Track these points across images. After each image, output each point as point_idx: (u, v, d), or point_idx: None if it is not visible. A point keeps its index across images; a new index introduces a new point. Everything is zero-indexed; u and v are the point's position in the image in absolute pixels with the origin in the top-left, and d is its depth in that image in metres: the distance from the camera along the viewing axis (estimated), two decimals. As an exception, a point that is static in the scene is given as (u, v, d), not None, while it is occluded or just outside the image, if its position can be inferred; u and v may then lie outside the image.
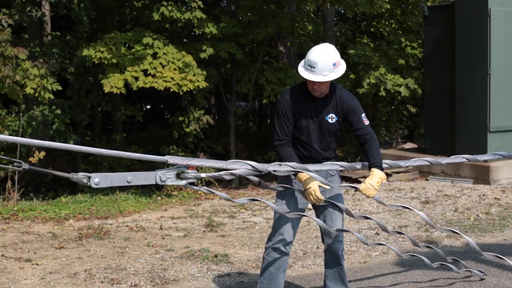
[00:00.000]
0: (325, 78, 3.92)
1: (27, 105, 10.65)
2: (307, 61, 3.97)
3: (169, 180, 3.62)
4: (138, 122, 16.03)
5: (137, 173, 3.64)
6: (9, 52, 8.95)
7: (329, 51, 3.98)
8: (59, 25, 13.19)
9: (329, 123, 4.11)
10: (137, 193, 9.58)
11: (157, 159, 3.59)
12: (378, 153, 4.09)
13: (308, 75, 3.95)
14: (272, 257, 4.12)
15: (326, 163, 4.13)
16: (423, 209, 8.06)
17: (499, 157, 4.70)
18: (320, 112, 4.09)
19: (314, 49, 4.00)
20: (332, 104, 4.10)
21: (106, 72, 9.89)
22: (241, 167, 3.80)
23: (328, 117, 4.10)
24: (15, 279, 5.29)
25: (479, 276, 5.09)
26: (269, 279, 4.15)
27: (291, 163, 3.89)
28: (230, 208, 8.47)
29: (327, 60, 3.92)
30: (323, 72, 3.91)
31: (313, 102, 4.09)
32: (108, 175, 3.51)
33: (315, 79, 3.93)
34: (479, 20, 9.86)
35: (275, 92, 10.99)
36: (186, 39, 12.85)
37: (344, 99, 4.11)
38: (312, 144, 4.12)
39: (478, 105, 9.98)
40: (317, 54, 3.94)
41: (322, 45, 4.07)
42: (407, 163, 4.41)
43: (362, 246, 6.26)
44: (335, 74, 3.96)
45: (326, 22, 11.98)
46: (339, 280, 4.28)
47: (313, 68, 3.92)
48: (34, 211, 8.14)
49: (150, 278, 5.31)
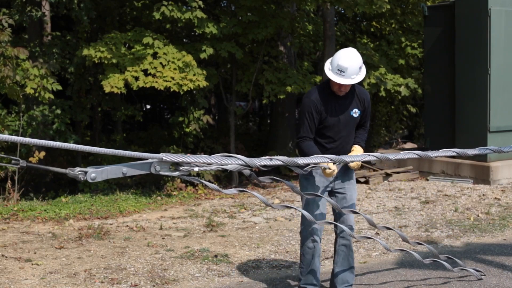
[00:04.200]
0: (354, 81, 4.35)
1: (27, 105, 10.65)
2: (336, 66, 4.33)
3: (163, 170, 3.75)
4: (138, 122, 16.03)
5: (132, 163, 3.71)
6: (9, 52, 8.95)
7: (356, 56, 4.37)
8: (59, 25, 13.18)
9: (354, 117, 4.53)
10: (137, 193, 9.58)
11: (152, 157, 3.69)
12: (365, 138, 4.69)
13: (339, 79, 4.32)
14: (307, 246, 4.55)
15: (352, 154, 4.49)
16: (423, 209, 8.06)
17: (489, 152, 4.89)
18: (345, 109, 4.49)
19: (342, 55, 4.36)
20: (354, 100, 4.52)
21: (106, 72, 9.88)
22: (232, 162, 3.94)
23: (353, 112, 4.52)
24: (15, 279, 5.29)
25: (475, 276, 5.09)
26: (307, 265, 4.59)
27: (282, 157, 4.10)
28: (230, 208, 8.48)
29: (355, 64, 4.33)
30: (352, 75, 4.33)
31: (336, 100, 4.47)
32: (104, 168, 3.56)
33: (346, 83, 4.33)
34: (479, 20, 9.87)
35: (275, 92, 10.98)
36: (186, 39, 12.85)
37: (364, 95, 4.59)
38: (339, 140, 4.50)
39: (478, 105, 9.98)
40: (347, 60, 4.32)
41: (349, 50, 4.42)
42: (397, 156, 4.57)
43: (362, 246, 6.26)
44: (360, 76, 4.39)
45: (326, 22, 11.96)
46: (347, 267, 4.64)
47: (343, 73, 4.31)
48: (34, 211, 8.14)
49: (150, 278, 5.31)
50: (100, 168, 3.53)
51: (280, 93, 10.91)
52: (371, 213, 7.91)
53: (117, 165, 3.62)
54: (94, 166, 3.56)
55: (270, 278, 5.30)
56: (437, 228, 7.04)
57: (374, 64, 12.32)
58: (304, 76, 11.46)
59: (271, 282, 5.18)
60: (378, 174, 10.36)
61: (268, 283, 5.16)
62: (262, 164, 4.01)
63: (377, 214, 7.84)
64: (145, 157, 3.68)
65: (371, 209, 8.17)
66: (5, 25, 9.08)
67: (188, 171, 3.82)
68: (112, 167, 3.59)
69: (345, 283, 4.64)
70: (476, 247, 6.18)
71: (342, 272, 4.63)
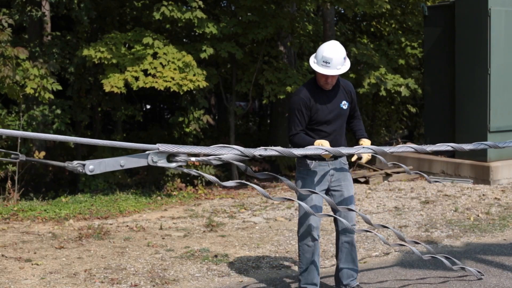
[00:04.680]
0: (339, 71, 4.41)
1: (27, 105, 10.66)
2: (321, 58, 4.40)
3: (160, 162, 3.77)
4: (138, 122, 16.02)
5: (130, 156, 3.74)
6: (9, 52, 8.95)
7: (339, 47, 4.45)
8: (59, 25, 13.18)
9: (344, 109, 4.60)
10: (137, 193, 9.59)
11: (149, 148, 3.74)
12: (363, 127, 4.77)
13: (325, 70, 4.39)
14: (306, 244, 4.58)
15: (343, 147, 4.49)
16: (423, 209, 8.06)
17: (485, 147, 4.96)
18: (334, 102, 4.56)
19: (326, 47, 4.44)
20: (342, 93, 4.60)
21: (106, 72, 9.89)
22: (228, 152, 3.93)
23: (342, 104, 4.59)
24: (15, 279, 5.29)
25: (475, 276, 5.09)
26: (307, 264, 4.61)
27: (277, 147, 4.07)
28: (230, 208, 8.48)
29: (339, 55, 4.40)
30: (337, 66, 4.39)
31: (324, 94, 4.53)
32: (102, 161, 3.59)
33: (331, 73, 4.39)
34: (479, 20, 9.86)
35: (275, 92, 10.98)
36: (186, 39, 12.85)
37: (349, 86, 4.67)
38: (332, 133, 4.54)
39: (478, 105, 9.97)
40: (331, 51, 4.39)
41: (332, 42, 4.51)
42: (391, 149, 4.57)
43: (362, 246, 6.26)
44: (345, 67, 4.46)
45: (326, 22, 11.97)
46: (351, 262, 4.70)
47: (328, 64, 4.38)
48: (34, 211, 8.14)
49: (150, 278, 5.31)
50: (98, 161, 3.56)
51: (280, 93, 10.91)
52: (371, 213, 7.91)
53: (115, 158, 3.67)
54: (92, 160, 3.58)
55: (270, 278, 5.30)
56: (437, 228, 7.04)
57: (374, 64, 12.32)
58: (304, 76, 11.46)
59: (271, 282, 5.18)
60: (378, 174, 10.36)
61: (268, 283, 5.16)
62: (257, 153, 4.00)
63: (377, 214, 7.84)
64: (142, 148, 3.72)
65: (371, 209, 8.17)
66: (5, 25, 9.08)
67: (185, 161, 3.83)
68: (110, 159, 3.63)
69: (350, 277, 4.69)
70: (476, 247, 6.18)
71: (347, 267, 4.68)
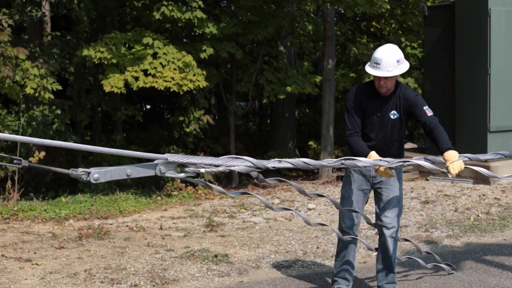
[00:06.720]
0: (390, 73, 4.27)
1: (27, 105, 10.66)
2: (373, 59, 4.34)
3: (168, 172, 3.66)
4: (138, 122, 16.03)
5: (136, 165, 3.62)
6: (9, 52, 8.95)
7: (393, 49, 4.35)
8: (59, 25, 13.18)
9: (392, 119, 4.44)
10: (137, 193, 9.58)
11: (157, 157, 3.62)
12: (445, 137, 4.39)
13: (374, 71, 4.31)
14: (342, 239, 4.57)
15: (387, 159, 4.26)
16: (423, 209, 8.06)
17: (501, 157, 4.72)
18: (384, 109, 4.43)
19: (379, 49, 4.38)
20: (395, 102, 4.43)
21: (106, 72, 9.89)
22: (240, 164, 3.83)
23: (391, 113, 4.44)
24: (15, 279, 5.29)
25: (446, 271, 5.19)
26: (342, 258, 4.64)
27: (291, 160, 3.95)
28: (230, 208, 8.48)
29: (391, 57, 4.28)
30: (388, 68, 4.27)
31: (378, 99, 4.43)
32: (108, 169, 3.50)
33: (381, 74, 4.27)
34: (479, 20, 9.86)
35: (275, 92, 10.99)
36: (186, 39, 12.86)
37: (406, 96, 4.42)
38: (376, 139, 4.45)
39: (478, 105, 9.97)
40: (382, 52, 4.31)
41: (387, 44, 4.45)
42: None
43: (362, 246, 6.26)
44: (399, 70, 4.31)
45: (326, 22, 11.96)
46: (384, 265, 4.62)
47: (378, 65, 4.29)
48: (34, 211, 8.14)
49: (150, 278, 5.31)
50: (104, 169, 3.47)
51: (280, 93, 10.91)
52: (371, 213, 7.91)
53: (122, 166, 3.56)
54: (97, 167, 3.50)
55: (270, 278, 5.30)
56: (437, 228, 7.04)
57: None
58: (304, 76, 11.47)
59: (271, 282, 5.18)
60: (378, 174, 10.35)
61: (268, 283, 5.16)
62: (271, 165, 3.91)
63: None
64: (150, 157, 3.59)
65: (371, 209, 8.16)
66: (5, 25, 9.08)
67: (194, 172, 3.72)
68: (116, 168, 3.53)
69: (383, 280, 4.66)
70: (476, 247, 6.18)
71: (381, 269, 4.66)
